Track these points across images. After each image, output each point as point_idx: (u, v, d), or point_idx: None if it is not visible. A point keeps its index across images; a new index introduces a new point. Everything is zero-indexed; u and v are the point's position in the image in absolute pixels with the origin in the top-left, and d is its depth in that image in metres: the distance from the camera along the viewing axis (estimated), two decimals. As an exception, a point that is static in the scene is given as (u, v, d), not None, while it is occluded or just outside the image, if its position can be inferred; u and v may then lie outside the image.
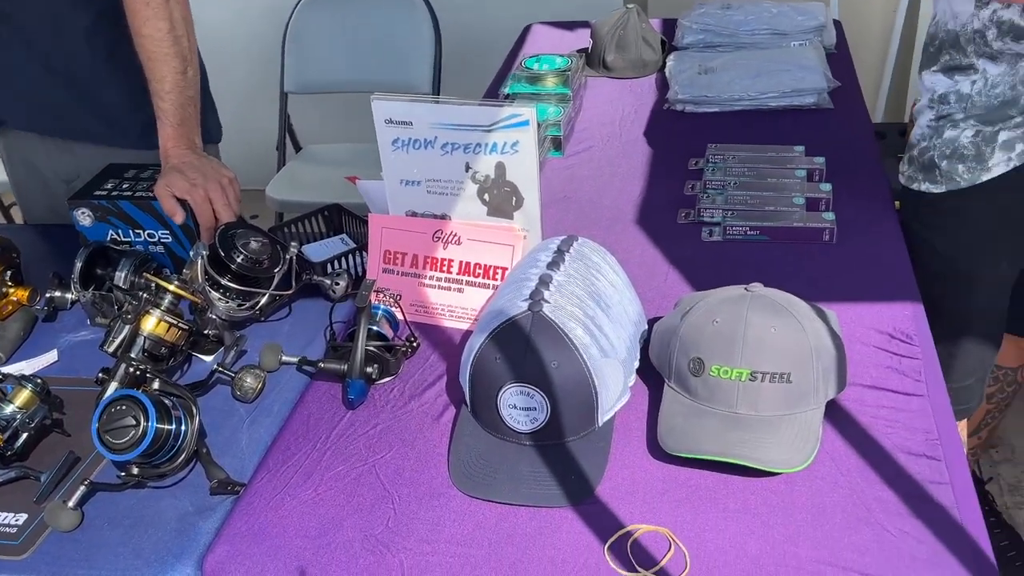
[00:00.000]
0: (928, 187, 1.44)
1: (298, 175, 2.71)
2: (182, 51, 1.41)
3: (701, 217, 1.53)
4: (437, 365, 1.26)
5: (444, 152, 1.30)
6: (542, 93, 1.94)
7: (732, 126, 1.86)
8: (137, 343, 1.18)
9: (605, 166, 1.77)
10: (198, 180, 1.38)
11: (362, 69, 2.73)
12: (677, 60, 2.09)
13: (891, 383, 1.15)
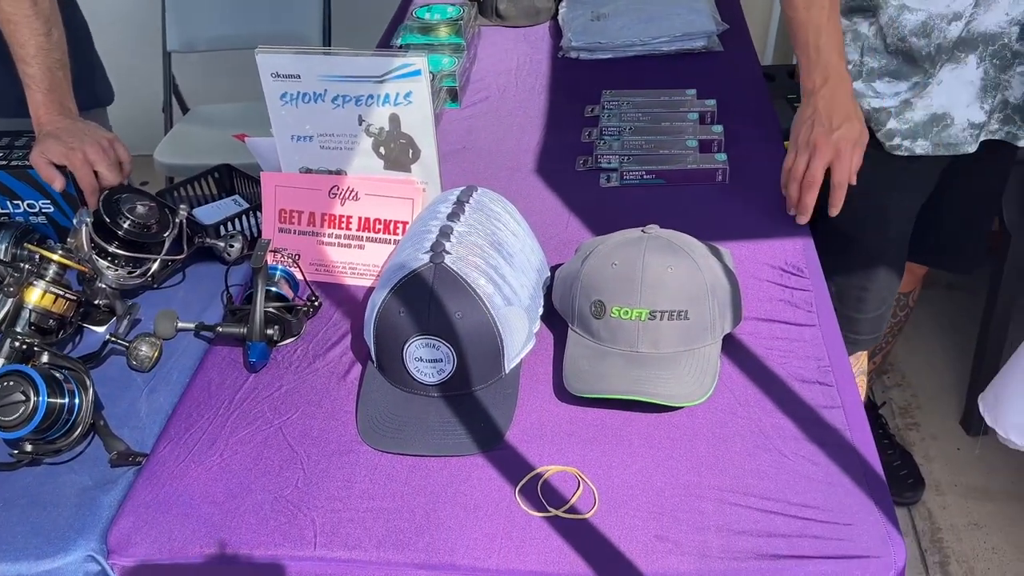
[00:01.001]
0: None
1: (187, 137, 2.61)
2: (43, 12, 1.33)
3: (599, 163, 1.54)
4: (341, 323, 1.25)
5: (335, 105, 1.27)
6: (435, 44, 1.92)
7: (626, 72, 1.87)
8: (22, 316, 1.13)
9: (503, 116, 1.76)
10: (75, 143, 1.31)
11: (248, 23, 2.64)
12: (569, 7, 2.08)
13: (784, 315, 1.19)
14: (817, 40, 1.32)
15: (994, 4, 1.31)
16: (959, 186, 1.55)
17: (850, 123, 1.31)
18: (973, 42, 1.35)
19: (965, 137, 1.41)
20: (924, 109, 1.41)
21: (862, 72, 1.43)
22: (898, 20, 1.37)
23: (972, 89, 1.38)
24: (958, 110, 1.40)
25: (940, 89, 1.39)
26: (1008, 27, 1.33)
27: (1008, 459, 1.94)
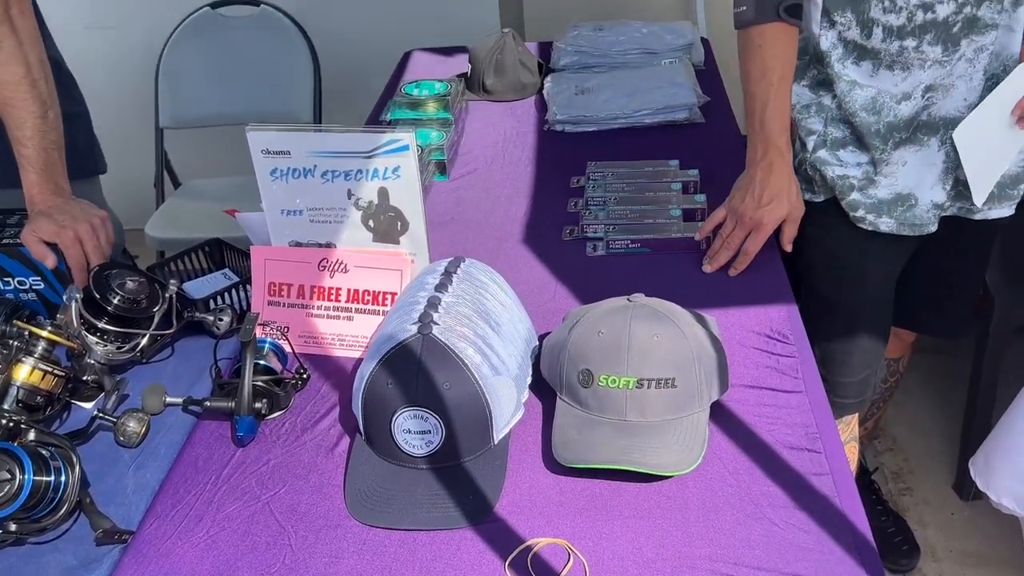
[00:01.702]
0: (810, 197, 1.51)
1: (178, 212, 2.63)
2: (40, 94, 1.36)
3: (585, 233, 1.57)
4: (329, 396, 1.25)
5: (325, 180, 1.30)
6: (423, 118, 1.95)
7: (610, 143, 1.91)
8: (10, 393, 1.13)
9: (490, 187, 1.79)
10: (66, 222, 1.33)
11: (240, 101, 2.69)
12: (554, 81, 2.14)
13: (771, 382, 1.19)
14: (763, 113, 1.39)
15: (952, 90, 1.37)
16: (941, 252, 1.57)
17: (778, 201, 1.39)
18: (935, 126, 1.41)
19: (929, 218, 1.46)
20: (889, 188, 1.45)
21: (826, 141, 1.48)
22: (849, 95, 1.42)
23: (935, 171, 1.43)
24: (922, 191, 1.44)
25: (905, 170, 1.44)
26: (966, 111, 1.39)
27: (1002, 524, 1.93)
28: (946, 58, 1.35)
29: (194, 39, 2.69)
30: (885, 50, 1.37)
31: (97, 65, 1.85)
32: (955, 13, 1.32)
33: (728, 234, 1.42)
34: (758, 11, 1.37)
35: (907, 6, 1.33)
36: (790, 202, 1.40)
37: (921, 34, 1.34)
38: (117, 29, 3.04)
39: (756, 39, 1.38)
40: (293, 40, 2.66)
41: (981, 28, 1.33)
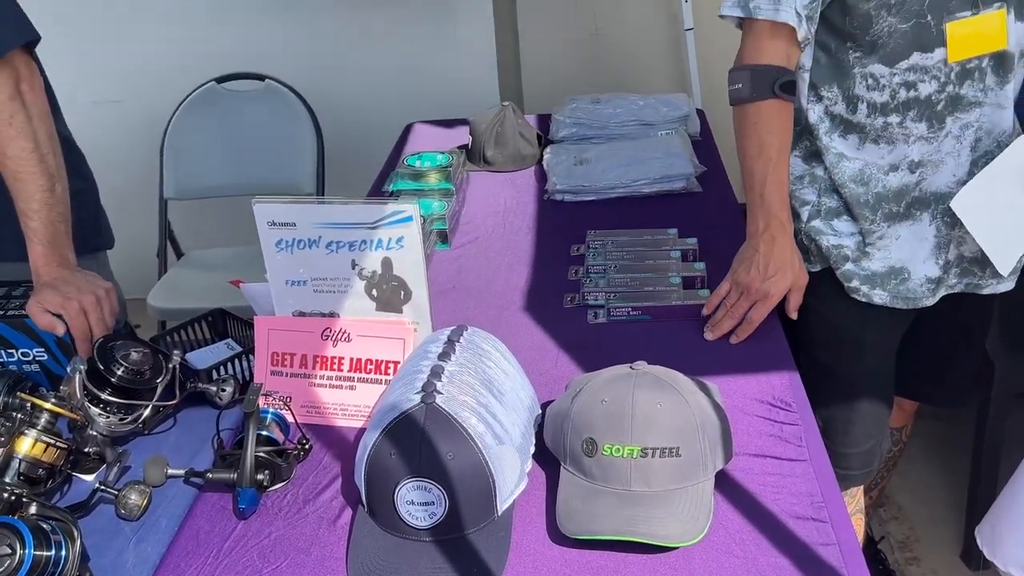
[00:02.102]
0: (806, 266, 1.52)
1: (180, 282, 2.65)
2: (48, 169, 1.38)
3: (586, 300, 1.58)
4: (331, 467, 1.24)
5: (329, 251, 1.31)
6: (426, 189, 1.98)
7: (609, 212, 1.94)
8: (12, 466, 1.12)
9: (491, 256, 1.81)
10: (71, 293, 1.34)
11: (244, 173, 2.73)
12: (553, 152, 2.17)
13: (775, 450, 1.19)
14: (763, 188, 1.41)
15: (941, 166, 1.41)
16: (941, 324, 1.58)
17: (783, 273, 1.41)
18: (926, 200, 1.43)
19: (923, 292, 1.47)
20: (882, 261, 1.47)
21: (820, 211, 1.50)
22: (838, 167, 1.46)
23: (927, 245, 1.45)
24: (915, 265, 1.46)
25: (898, 244, 1.46)
26: (956, 187, 1.41)
27: (1012, 593, 1.90)
28: (932, 135, 1.39)
29: (199, 112, 2.74)
30: (870, 125, 1.41)
31: (102, 138, 1.88)
32: (938, 92, 1.36)
33: (732, 304, 1.43)
34: (754, 89, 1.39)
35: (890, 84, 1.37)
36: (794, 272, 1.42)
37: (905, 111, 1.38)
38: (123, 103, 3.11)
39: (753, 116, 1.41)
40: (296, 113, 2.71)
41: (965, 106, 1.37)
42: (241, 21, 3.00)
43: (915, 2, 1.32)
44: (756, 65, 1.40)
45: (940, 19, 1.32)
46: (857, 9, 1.35)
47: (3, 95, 1.35)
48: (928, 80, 1.35)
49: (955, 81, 1.35)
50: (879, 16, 1.33)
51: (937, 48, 1.34)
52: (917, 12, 1.32)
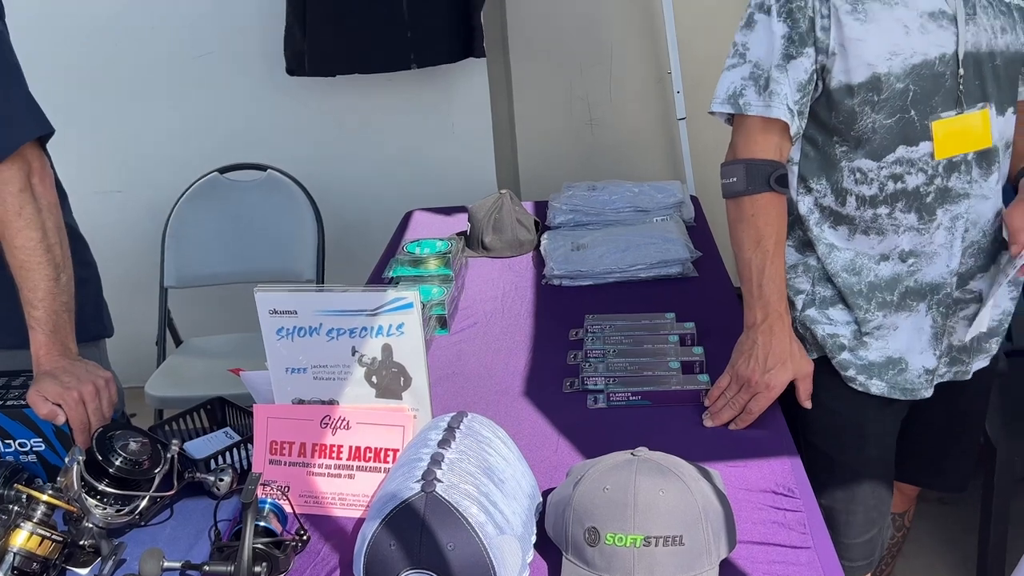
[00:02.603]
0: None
1: (179, 369, 2.65)
2: (55, 259, 1.40)
3: (585, 385, 1.58)
4: (329, 558, 1.22)
5: (330, 338, 1.32)
6: (425, 275, 2.01)
7: (607, 297, 1.95)
8: (6, 560, 1.11)
9: (490, 341, 1.81)
10: (71, 383, 1.34)
11: (244, 260, 2.76)
12: (551, 238, 2.20)
13: (779, 537, 1.18)
14: (760, 279, 1.42)
15: (935, 257, 1.42)
16: (939, 412, 1.57)
17: (783, 366, 1.41)
18: (921, 291, 1.45)
19: (921, 383, 1.48)
20: (880, 351, 1.48)
21: (815, 300, 1.51)
22: (829, 257, 1.47)
23: (924, 336, 1.46)
24: (912, 356, 1.47)
25: (896, 334, 1.47)
26: (949, 278, 1.43)
27: None
28: (923, 226, 1.41)
29: (201, 201, 2.78)
30: (860, 217, 1.43)
31: (104, 228, 1.92)
32: (926, 184, 1.38)
33: (733, 396, 1.43)
34: (749, 183, 1.42)
35: (878, 177, 1.40)
36: (795, 363, 1.42)
37: (893, 202, 1.40)
38: (126, 193, 3.15)
39: (748, 209, 1.42)
40: (297, 201, 2.76)
41: (954, 198, 1.39)
42: (243, 112, 3.08)
43: (897, 99, 1.35)
44: (751, 159, 1.42)
45: (924, 115, 1.36)
46: (842, 105, 1.38)
47: (14, 187, 1.37)
48: (915, 172, 1.38)
49: (943, 174, 1.38)
50: (863, 112, 1.37)
51: (922, 142, 1.37)
52: (900, 108, 1.36)
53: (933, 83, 1.35)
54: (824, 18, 1.35)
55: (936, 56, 1.34)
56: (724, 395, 1.44)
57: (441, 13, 2.77)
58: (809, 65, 1.38)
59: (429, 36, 2.78)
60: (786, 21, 1.37)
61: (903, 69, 1.34)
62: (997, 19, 1.36)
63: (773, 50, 1.38)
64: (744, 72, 1.42)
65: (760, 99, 1.40)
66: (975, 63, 1.36)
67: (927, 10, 1.34)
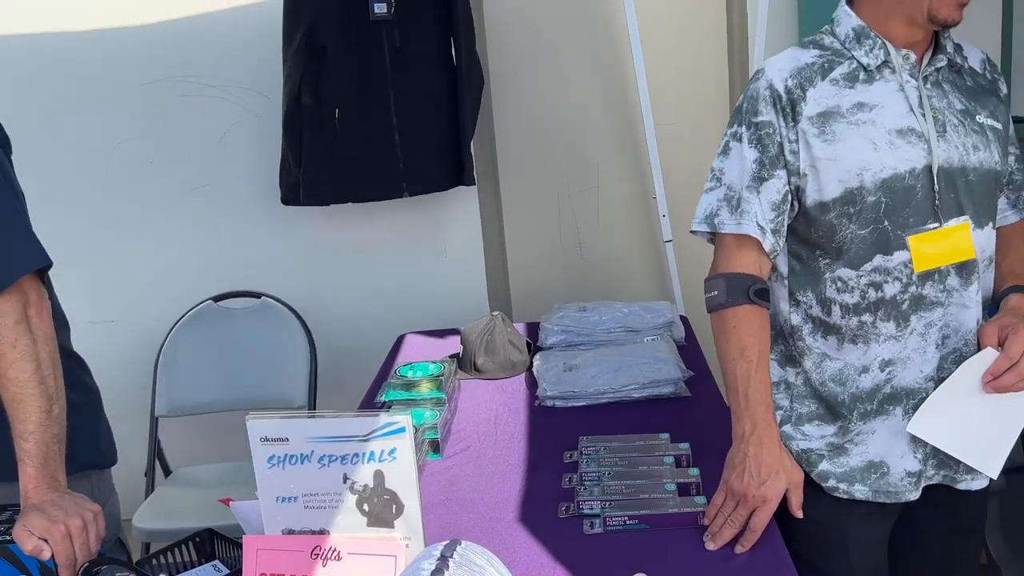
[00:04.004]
0: None
1: (168, 501, 2.59)
2: (48, 390, 1.40)
3: (581, 510, 1.55)
4: None
5: (321, 465, 1.31)
6: (418, 398, 2.00)
7: (600, 418, 1.95)
8: None
9: (483, 465, 1.79)
10: (58, 516, 1.32)
11: (236, 388, 2.75)
12: (543, 359, 2.21)
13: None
14: (746, 389, 1.43)
15: (909, 363, 1.45)
16: (935, 522, 1.56)
17: (776, 475, 1.41)
18: (898, 396, 1.47)
19: (905, 486, 1.48)
20: (860, 456, 1.49)
21: (791, 417, 1.53)
22: (820, 366, 1.50)
23: (903, 440, 1.47)
24: (893, 459, 1.48)
25: (875, 438, 1.48)
26: (924, 382, 1.45)
27: None
28: (899, 333, 1.44)
29: (195, 330, 2.80)
30: (845, 325, 1.46)
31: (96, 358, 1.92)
32: (901, 292, 1.42)
33: (731, 513, 1.41)
34: (729, 295, 1.46)
35: (858, 285, 1.44)
36: (787, 472, 1.42)
37: (875, 310, 1.44)
38: (120, 323, 3.17)
39: (731, 320, 1.46)
40: (290, 327, 2.77)
41: (928, 305, 1.43)
42: (238, 241, 3.13)
43: (870, 211, 1.41)
44: (730, 273, 1.47)
45: (897, 225, 1.41)
46: (820, 221, 1.44)
47: (10, 320, 1.39)
48: (891, 281, 1.42)
49: (917, 282, 1.42)
50: (841, 224, 1.43)
51: (897, 251, 1.42)
52: (874, 219, 1.41)
53: (904, 196, 1.40)
54: (792, 143, 1.43)
55: (906, 170, 1.40)
56: (721, 513, 1.43)
57: (432, 145, 2.86)
58: (781, 186, 1.45)
59: (421, 167, 2.86)
60: (756, 147, 1.45)
61: (874, 183, 1.40)
62: (968, 137, 1.43)
63: (744, 173, 1.46)
64: (720, 194, 1.49)
65: (732, 218, 1.47)
66: (948, 177, 1.41)
67: (895, 127, 1.40)
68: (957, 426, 1.43)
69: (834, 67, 1.44)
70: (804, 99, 1.42)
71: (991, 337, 1.41)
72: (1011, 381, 1.38)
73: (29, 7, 2.96)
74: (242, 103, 3.04)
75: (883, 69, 1.43)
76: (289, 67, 2.77)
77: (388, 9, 2.75)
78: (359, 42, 2.76)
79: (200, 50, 3.00)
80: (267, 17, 2.85)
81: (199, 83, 3.02)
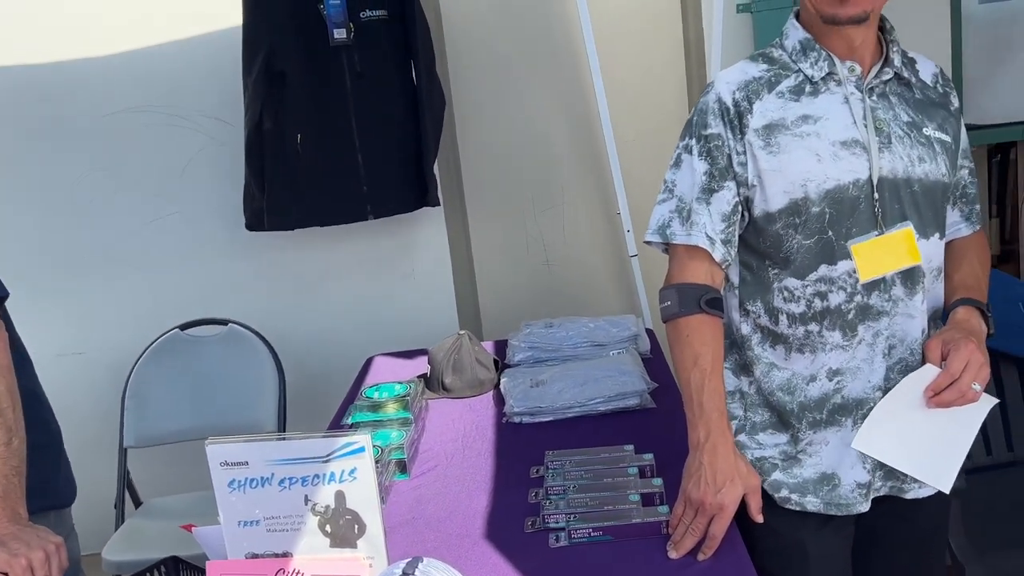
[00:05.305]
0: None
1: (138, 532, 2.57)
2: (7, 423, 1.39)
3: (547, 523, 1.56)
4: None
5: (282, 488, 1.31)
6: (384, 419, 2.01)
7: (567, 432, 1.96)
8: None
9: (450, 483, 1.80)
10: (20, 550, 1.31)
11: (205, 416, 2.73)
12: (510, 376, 2.22)
13: (745, 668, 1.15)
14: (700, 398, 1.45)
15: (858, 373, 1.47)
16: (892, 532, 1.57)
17: (732, 482, 1.41)
18: (848, 407, 1.48)
19: (855, 498, 1.49)
20: (813, 467, 1.50)
21: (746, 426, 1.55)
22: (768, 376, 1.52)
23: (852, 451, 1.48)
24: (844, 471, 1.49)
25: (827, 450, 1.50)
26: (872, 392, 1.47)
27: None
28: (846, 342, 1.46)
29: (162, 359, 2.78)
30: (792, 335, 1.48)
31: (64, 391, 1.91)
32: (847, 301, 1.44)
33: (691, 522, 1.42)
34: (682, 305, 1.48)
35: (804, 295, 1.46)
36: (743, 478, 1.43)
37: (821, 319, 1.46)
38: (87, 355, 3.14)
39: (684, 329, 1.48)
40: (258, 353, 2.77)
41: (875, 315, 1.45)
42: (203, 269, 3.12)
43: (815, 221, 1.43)
44: (682, 283, 1.49)
45: (841, 235, 1.43)
46: (768, 231, 1.47)
47: (-34, 352, 1.38)
48: (836, 290, 1.44)
49: (862, 291, 1.44)
50: (788, 235, 1.45)
51: (841, 261, 1.44)
52: (819, 230, 1.43)
53: (848, 206, 1.43)
54: (740, 155, 1.46)
55: (849, 181, 1.42)
56: (682, 522, 1.44)
57: (395, 167, 2.88)
58: (731, 197, 1.47)
59: (384, 189, 2.87)
60: (706, 159, 1.48)
61: (818, 194, 1.42)
62: (914, 149, 1.45)
63: (695, 185, 1.48)
64: (672, 206, 1.52)
65: (683, 229, 1.49)
66: (892, 187, 1.43)
67: (839, 139, 1.43)
68: (903, 441, 1.44)
69: (781, 80, 1.47)
70: (751, 111, 1.45)
71: (934, 352, 1.43)
72: (952, 398, 1.40)
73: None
74: (205, 131, 3.05)
75: (828, 81, 1.45)
76: (250, 94, 2.78)
77: (348, 35, 2.77)
78: (319, 68, 2.78)
79: (162, 80, 3.00)
80: (228, 45, 2.86)
81: (162, 112, 3.02)
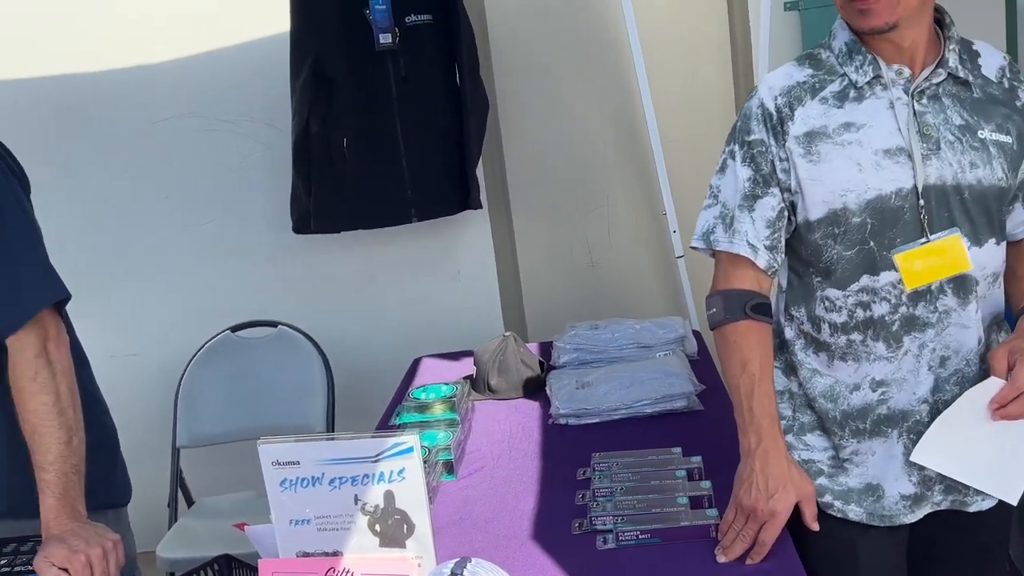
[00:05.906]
0: None
1: (191, 531, 2.62)
2: (67, 422, 1.43)
3: (594, 526, 1.56)
4: None
5: (332, 487, 1.33)
6: (431, 420, 2.02)
7: (613, 434, 1.96)
8: None
9: (497, 484, 1.81)
10: (79, 546, 1.35)
11: (256, 417, 2.78)
12: (555, 378, 2.22)
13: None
14: (750, 403, 1.43)
15: (904, 384, 1.44)
16: (951, 543, 1.54)
17: (785, 489, 1.39)
18: (893, 418, 1.46)
19: (899, 509, 1.46)
20: (859, 477, 1.48)
21: (794, 427, 1.53)
22: (810, 382, 1.50)
23: (897, 463, 1.46)
24: (888, 482, 1.47)
25: (874, 460, 1.47)
26: (918, 404, 1.44)
27: None
28: (891, 354, 1.43)
29: (213, 361, 2.83)
30: (835, 343, 1.46)
31: (117, 392, 1.96)
32: (891, 313, 1.41)
33: (741, 528, 1.41)
34: (727, 311, 1.47)
35: (845, 305, 1.44)
36: (796, 485, 1.40)
37: (865, 329, 1.43)
38: (140, 356, 3.21)
39: (731, 336, 1.46)
40: (308, 355, 2.80)
41: (921, 326, 1.41)
42: (253, 272, 3.17)
43: (856, 232, 1.40)
44: (727, 289, 1.48)
45: (883, 246, 1.39)
46: (808, 240, 1.45)
47: (30, 353, 1.42)
48: (879, 301, 1.41)
49: (907, 302, 1.40)
50: (827, 245, 1.43)
51: (883, 272, 1.40)
52: (860, 240, 1.40)
53: (891, 216, 1.39)
54: (783, 161, 1.43)
55: (892, 191, 1.38)
56: (733, 528, 1.42)
57: (439, 171, 2.90)
58: (776, 203, 1.45)
59: (428, 192, 2.90)
60: (750, 165, 1.46)
61: (858, 204, 1.39)
62: (966, 154, 1.38)
63: (738, 191, 1.47)
64: (716, 212, 1.51)
65: (726, 236, 1.48)
66: (939, 195, 1.38)
67: (882, 147, 1.38)
68: (966, 453, 1.40)
69: (825, 86, 1.43)
70: (792, 118, 1.42)
71: (1000, 362, 1.38)
72: (1018, 411, 1.36)
73: (39, 48, 3.03)
74: (254, 136, 3.10)
75: (874, 85, 1.40)
76: (297, 99, 2.82)
77: (393, 40, 2.80)
78: (365, 73, 2.81)
79: (209, 86, 3.06)
80: (276, 51, 2.90)
81: (210, 118, 3.08)
